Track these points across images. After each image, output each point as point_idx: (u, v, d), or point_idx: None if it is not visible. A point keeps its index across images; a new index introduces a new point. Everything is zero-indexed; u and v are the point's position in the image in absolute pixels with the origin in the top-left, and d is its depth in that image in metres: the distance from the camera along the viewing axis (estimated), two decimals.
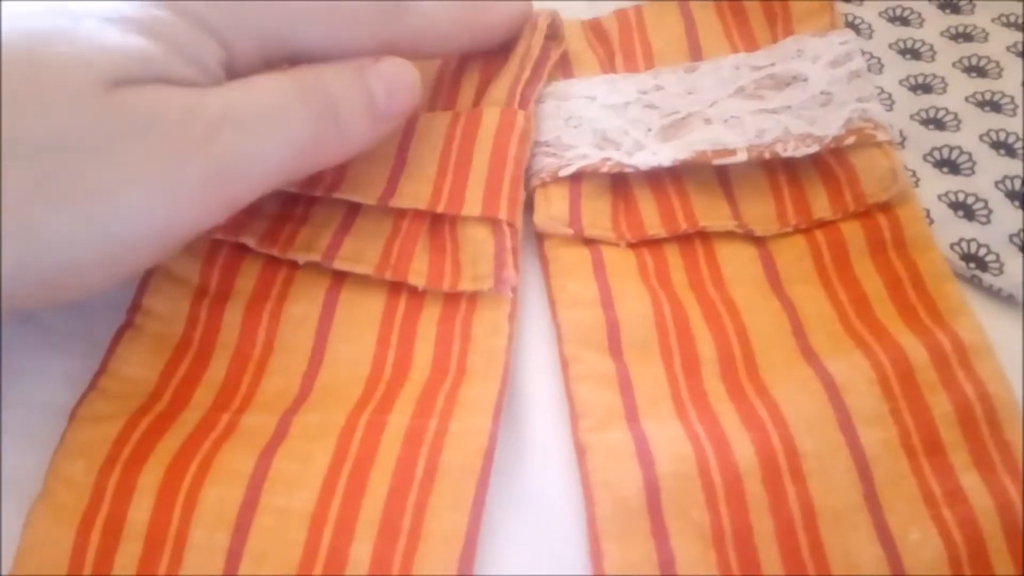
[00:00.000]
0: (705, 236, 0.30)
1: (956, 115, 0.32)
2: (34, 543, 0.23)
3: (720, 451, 0.25)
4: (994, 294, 0.29)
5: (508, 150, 0.30)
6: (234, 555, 0.23)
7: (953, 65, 0.34)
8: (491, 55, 0.33)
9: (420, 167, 0.30)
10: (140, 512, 0.24)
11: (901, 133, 0.32)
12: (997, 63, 0.34)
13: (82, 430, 0.25)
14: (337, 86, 0.26)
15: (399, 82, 0.28)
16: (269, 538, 0.23)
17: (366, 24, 0.27)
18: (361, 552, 0.23)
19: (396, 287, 0.29)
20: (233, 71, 0.25)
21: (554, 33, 0.34)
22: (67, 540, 0.23)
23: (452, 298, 0.29)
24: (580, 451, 0.26)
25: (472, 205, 0.29)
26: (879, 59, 0.34)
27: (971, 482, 0.24)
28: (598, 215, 0.30)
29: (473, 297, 0.28)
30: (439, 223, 0.30)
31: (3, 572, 0.23)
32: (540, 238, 0.31)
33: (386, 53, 0.28)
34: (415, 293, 0.29)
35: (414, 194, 0.29)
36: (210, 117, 0.23)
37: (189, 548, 0.23)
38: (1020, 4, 0.35)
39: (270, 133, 0.24)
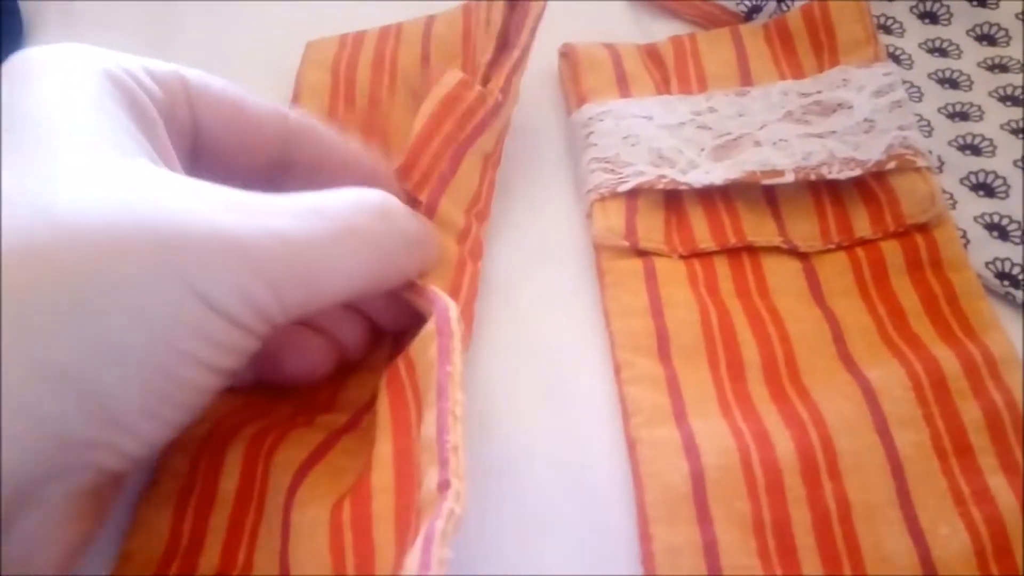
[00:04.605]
0: (752, 250, 0.32)
1: (992, 141, 0.34)
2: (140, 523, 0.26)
3: (762, 447, 0.27)
4: None
5: (443, 124, 0.30)
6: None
7: (989, 94, 0.36)
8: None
9: None
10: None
11: (939, 158, 0.34)
12: None
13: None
14: None
15: None
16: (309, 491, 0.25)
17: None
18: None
19: None
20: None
21: None
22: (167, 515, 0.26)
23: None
24: (631, 445, 0.28)
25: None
26: (919, 88, 0.36)
27: (998, 483, 0.26)
28: (652, 229, 0.32)
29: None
30: None
31: None
32: (597, 250, 0.33)
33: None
34: None
35: None
36: None
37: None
38: None
39: None
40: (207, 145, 0.26)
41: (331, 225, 0.22)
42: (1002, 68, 0.37)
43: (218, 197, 0.21)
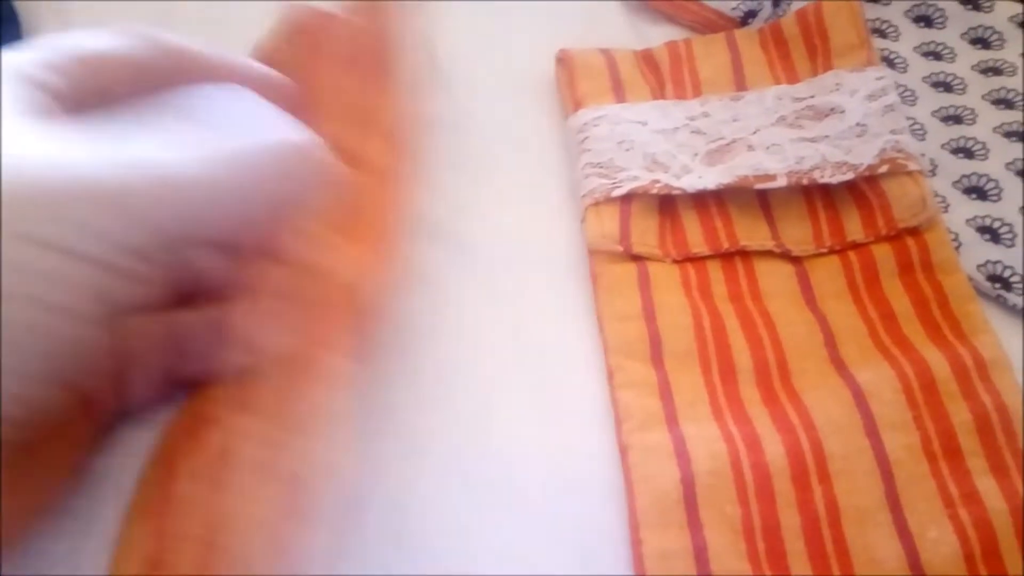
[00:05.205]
0: (745, 254, 0.33)
1: (984, 145, 0.34)
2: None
3: (752, 451, 0.27)
4: (1017, 313, 0.31)
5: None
6: None
7: (982, 97, 0.36)
8: None
9: None
10: None
11: (932, 161, 0.34)
12: None
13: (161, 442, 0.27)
14: None
15: None
16: None
17: None
18: None
19: None
20: None
21: None
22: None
23: None
24: (623, 450, 0.28)
25: None
26: (913, 92, 0.36)
27: (987, 486, 0.26)
28: (646, 233, 0.32)
29: None
30: None
31: None
32: (591, 254, 0.33)
33: None
34: None
35: None
36: None
37: None
38: None
39: None
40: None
41: (217, 160, 0.23)
42: (995, 71, 0.37)
43: (91, 145, 0.21)
